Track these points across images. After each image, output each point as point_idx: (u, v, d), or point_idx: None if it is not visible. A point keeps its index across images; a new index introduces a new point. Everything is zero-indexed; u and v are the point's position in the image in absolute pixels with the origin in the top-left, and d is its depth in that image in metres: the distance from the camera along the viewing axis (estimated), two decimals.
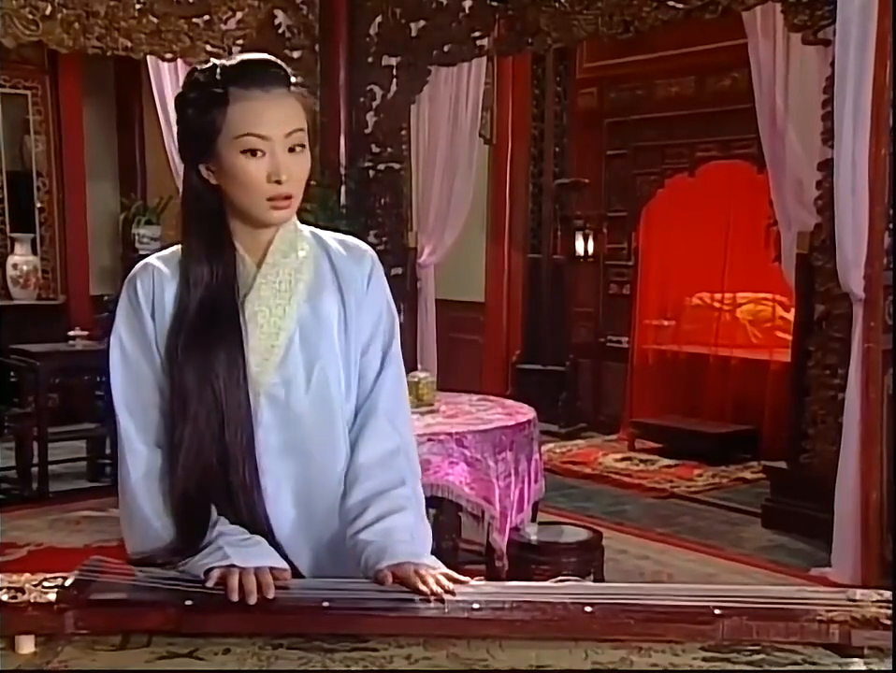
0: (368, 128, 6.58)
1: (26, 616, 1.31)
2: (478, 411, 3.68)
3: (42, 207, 7.48)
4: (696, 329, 7.04)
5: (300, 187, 1.51)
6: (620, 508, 5.24)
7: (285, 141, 1.47)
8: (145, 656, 1.31)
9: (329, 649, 1.32)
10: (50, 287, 7.50)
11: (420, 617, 1.33)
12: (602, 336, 7.33)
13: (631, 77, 6.90)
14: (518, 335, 7.43)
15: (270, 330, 1.54)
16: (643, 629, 1.29)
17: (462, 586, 1.40)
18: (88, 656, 1.31)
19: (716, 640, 1.29)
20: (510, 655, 1.30)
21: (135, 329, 1.57)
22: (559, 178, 7.31)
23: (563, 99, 7.40)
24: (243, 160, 1.47)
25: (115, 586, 1.39)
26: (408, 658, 1.29)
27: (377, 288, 1.61)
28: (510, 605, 1.33)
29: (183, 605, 1.35)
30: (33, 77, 7.35)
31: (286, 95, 1.48)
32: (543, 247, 7.38)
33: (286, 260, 1.56)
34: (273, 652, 1.31)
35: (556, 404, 6.95)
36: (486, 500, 3.30)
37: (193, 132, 1.50)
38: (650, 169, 6.98)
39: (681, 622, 1.29)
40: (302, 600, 1.37)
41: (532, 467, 3.52)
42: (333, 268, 1.59)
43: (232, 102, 1.45)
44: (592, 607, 1.31)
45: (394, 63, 6.41)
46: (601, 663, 1.27)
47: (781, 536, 4.68)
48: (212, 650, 1.32)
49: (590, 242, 7.16)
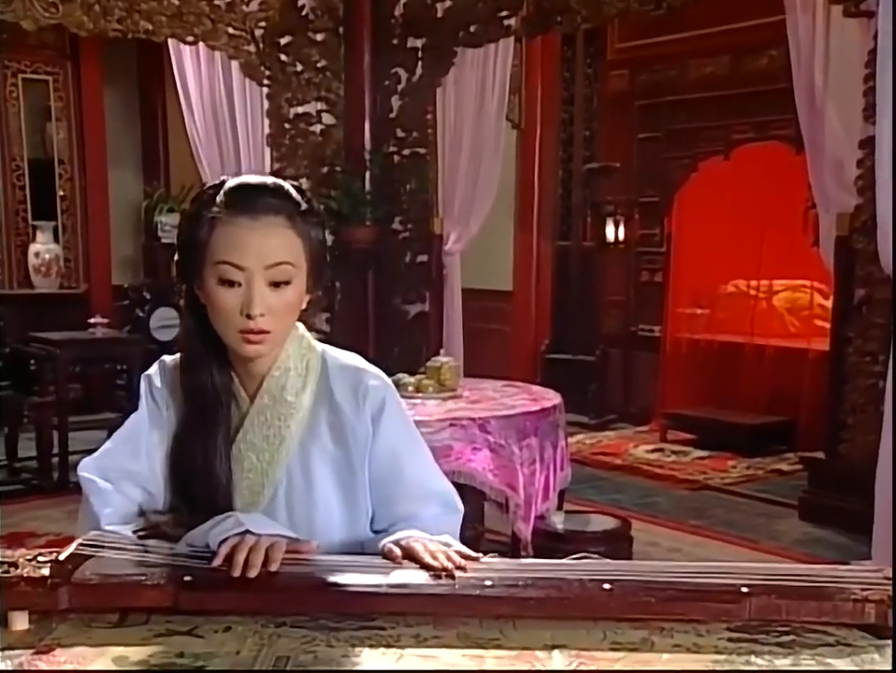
0: (392, 112, 6.55)
1: (18, 591, 1.28)
2: (502, 397, 3.63)
3: (64, 195, 7.50)
4: (730, 317, 6.95)
5: (281, 323, 1.46)
6: (651, 500, 5.16)
7: (266, 273, 1.41)
8: (142, 634, 1.28)
9: (334, 627, 1.28)
10: (71, 276, 7.53)
11: (429, 595, 1.29)
12: (633, 325, 7.25)
13: (664, 57, 6.79)
14: (547, 324, 7.37)
15: (256, 478, 1.52)
16: (665, 608, 1.23)
17: (474, 563, 1.35)
18: (83, 634, 1.28)
19: (743, 620, 1.24)
20: (523, 635, 1.25)
21: (153, 413, 1.57)
22: (589, 163, 7.24)
23: (593, 82, 7.32)
24: (219, 288, 1.42)
25: (112, 562, 1.35)
26: (416, 637, 1.25)
27: (387, 430, 1.54)
28: (523, 582, 1.28)
29: (182, 581, 1.31)
30: (54, 62, 7.37)
31: (278, 225, 1.42)
32: (573, 234, 7.32)
33: (276, 405, 1.52)
34: (275, 631, 1.28)
35: (585, 394, 6.90)
36: (510, 487, 3.26)
37: (183, 249, 1.46)
38: (683, 153, 6.88)
39: (705, 600, 1.23)
40: (306, 577, 1.33)
41: (558, 454, 3.47)
42: (335, 412, 1.53)
43: (218, 226, 1.41)
44: (611, 584, 1.26)
45: (419, 45, 6.38)
46: (621, 643, 1.22)
47: (819, 529, 4.59)
48: (212, 628, 1.29)
49: (621, 228, 7.09)
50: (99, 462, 1.55)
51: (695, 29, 6.37)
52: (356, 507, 1.54)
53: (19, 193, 7.34)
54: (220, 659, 1.20)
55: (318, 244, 1.48)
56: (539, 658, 1.19)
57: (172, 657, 1.21)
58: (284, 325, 1.48)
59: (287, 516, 1.52)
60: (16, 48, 7.16)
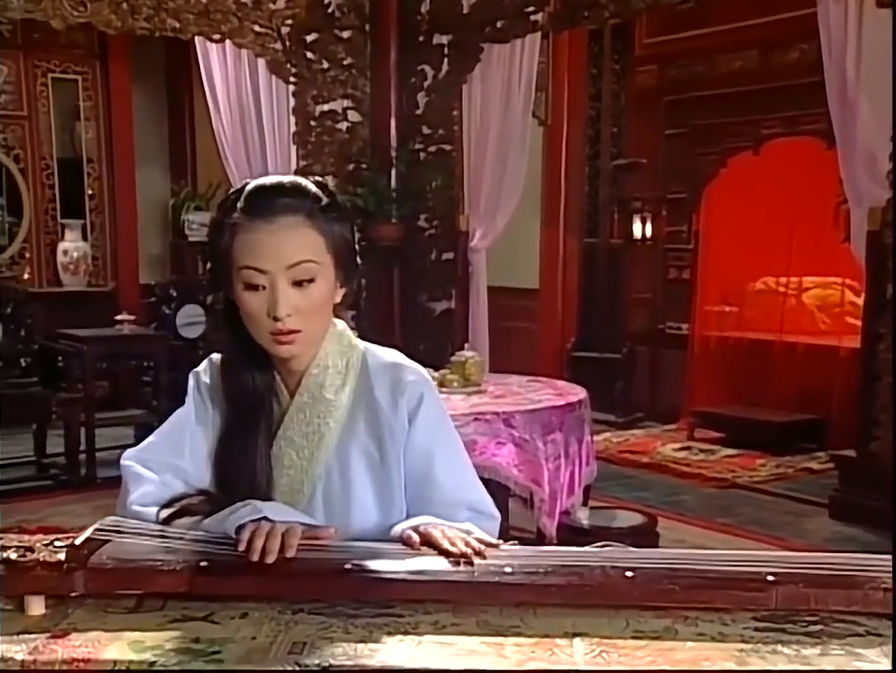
0: (418, 109, 6.54)
1: (33, 576, 1.28)
2: (527, 392, 3.61)
3: (92, 193, 7.55)
4: (760, 315, 6.88)
5: (311, 321, 1.46)
6: (678, 498, 5.12)
7: (288, 274, 1.41)
8: (158, 620, 1.27)
9: (352, 614, 1.26)
10: (99, 274, 7.57)
11: (447, 581, 1.26)
12: (661, 323, 7.19)
13: (692, 52, 6.73)
14: (573, 322, 7.33)
15: (296, 476, 1.52)
16: (689, 596, 1.21)
17: (494, 550, 1.33)
18: (99, 619, 1.28)
19: (770, 609, 1.21)
20: (544, 623, 1.23)
21: (199, 410, 1.59)
22: (616, 160, 7.19)
23: (621, 77, 7.28)
24: (245, 293, 1.43)
25: (129, 547, 1.34)
26: (434, 624, 1.24)
27: (423, 428, 1.52)
28: (544, 569, 1.26)
29: (198, 567, 1.30)
30: (83, 61, 7.42)
31: (296, 225, 1.42)
32: (600, 231, 7.28)
33: (315, 402, 1.52)
34: (293, 617, 1.27)
35: (611, 393, 6.86)
36: (535, 482, 3.23)
37: (212, 257, 1.48)
38: (711, 148, 6.82)
39: (730, 588, 1.20)
40: (323, 563, 1.31)
41: (583, 449, 3.44)
42: (373, 409, 1.53)
43: (239, 233, 1.42)
44: (633, 572, 1.23)
45: (445, 41, 6.36)
46: (643, 631, 1.20)
47: (850, 528, 4.53)
48: (229, 614, 1.28)
49: (648, 225, 7.04)
50: (142, 454, 1.57)
51: (723, 23, 6.31)
52: (392, 506, 1.52)
53: (48, 192, 7.40)
54: (235, 645, 1.19)
55: (342, 238, 1.47)
56: (559, 646, 1.16)
57: (188, 642, 1.20)
58: (315, 323, 1.47)
59: (325, 514, 1.51)
60: (46, 48, 7.23)
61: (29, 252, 7.35)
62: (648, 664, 1.11)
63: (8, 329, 5.48)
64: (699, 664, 1.10)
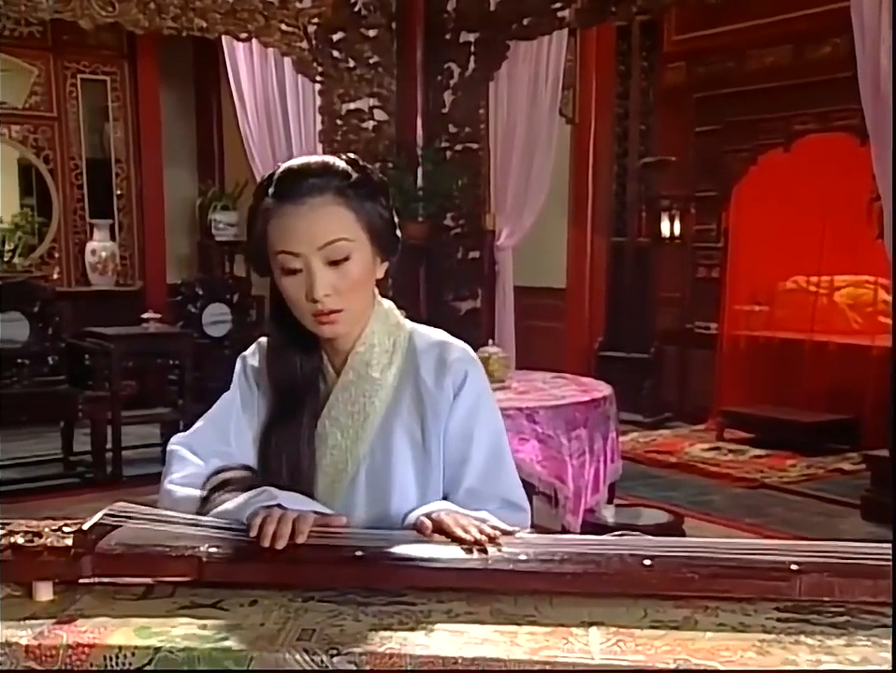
0: (445, 107, 6.52)
1: (41, 561, 1.26)
2: (551, 388, 3.58)
3: (120, 193, 7.60)
4: (790, 314, 6.79)
5: (351, 299, 1.45)
6: (706, 498, 5.05)
7: (321, 254, 1.41)
8: (167, 606, 1.26)
9: (363, 602, 1.25)
10: (127, 273, 7.62)
11: (460, 569, 1.24)
12: (689, 322, 7.13)
13: (722, 48, 6.67)
14: (601, 321, 7.27)
15: (340, 455, 1.51)
16: (708, 585, 1.17)
17: (509, 538, 1.30)
18: (107, 605, 1.27)
19: (793, 599, 1.17)
20: (559, 612, 1.20)
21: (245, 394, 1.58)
22: (644, 158, 7.13)
23: (649, 75, 7.21)
24: (284, 278, 1.44)
25: (138, 532, 1.32)
26: (448, 613, 1.21)
27: (465, 405, 1.50)
28: (560, 557, 1.23)
29: (208, 553, 1.28)
30: (111, 62, 7.48)
31: (325, 204, 1.41)
32: (628, 229, 7.23)
33: (361, 381, 1.51)
34: (303, 605, 1.25)
35: (639, 392, 6.82)
36: (559, 479, 3.19)
37: (251, 245, 1.48)
38: (741, 146, 6.75)
39: (752, 578, 1.17)
40: (334, 550, 1.28)
41: (608, 446, 3.39)
42: (417, 388, 1.51)
43: (271, 218, 1.43)
44: (651, 560, 1.20)
45: (471, 39, 6.34)
46: (662, 621, 1.17)
47: (882, 529, 4.44)
48: (238, 601, 1.27)
49: (677, 224, 6.98)
50: (189, 439, 1.57)
51: (755, 18, 6.25)
52: (430, 489, 1.50)
53: (77, 192, 7.46)
54: (243, 631, 1.18)
55: (375, 213, 1.45)
56: (575, 635, 1.13)
57: (195, 629, 1.19)
58: (356, 301, 1.46)
59: (367, 495, 1.50)
60: (75, 48, 7.30)
61: (58, 252, 7.41)
62: (666, 654, 1.07)
63: (36, 327, 5.51)
64: (718, 654, 1.07)
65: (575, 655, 1.08)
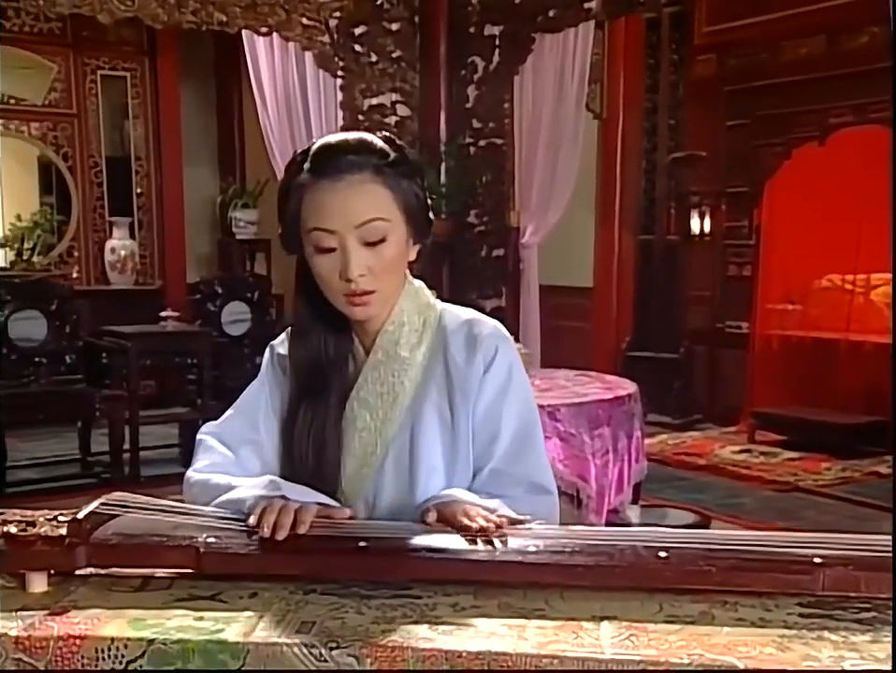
0: (468, 102, 6.49)
1: (34, 551, 1.25)
2: (574, 385, 3.54)
3: (140, 191, 7.62)
4: (825, 313, 6.70)
5: (384, 280, 1.43)
6: (736, 501, 4.99)
7: (357, 234, 1.39)
8: (163, 598, 1.24)
9: (366, 595, 1.22)
10: (147, 272, 7.65)
11: (466, 560, 1.21)
12: (720, 322, 7.05)
13: (754, 39, 6.58)
14: (629, 321, 7.24)
15: (369, 437, 1.49)
16: (727, 578, 1.13)
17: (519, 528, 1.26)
18: (102, 597, 1.25)
19: (816, 594, 1.13)
20: (570, 606, 1.17)
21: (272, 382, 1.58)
22: (674, 153, 7.07)
23: (679, 68, 7.14)
24: (316, 256, 1.42)
25: (134, 522, 1.30)
26: (454, 606, 1.19)
27: (494, 378, 1.48)
28: (571, 549, 1.19)
29: (206, 543, 1.26)
30: (131, 58, 7.50)
31: (363, 182, 1.39)
32: (656, 227, 7.17)
33: (390, 360, 1.50)
34: (304, 598, 1.23)
35: (668, 393, 6.77)
36: (582, 478, 3.15)
37: (283, 222, 1.46)
38: (774, 140, 6.67)
39: (772, 571, 1.13)
40: (336, 541, 1.26)
41: (633, 445, 3.35)
42: (447, 367, 1.50)
43: (306, 194, 1.41)
44: (667, 552, 1.16)
45: (496, 32, 6.31)
46: (677, 616, 1.13)
47: None
48: (237, 593, 1.25)
49: (707, 220, 6.91)
50: (217, 428, 1.57)
51: (788, 8, 6.17)
52: (458, 470, 1.48)
53: (96, 190, 7.49)
54: (239, 624, 1.15)
55: (412, 193, 1.44)
56: (585, 629, 1.10)
57: (191, 621, 1.17)
58: (389, 282, 1.45)
59: (395, 477, 1.48)
60: (95, 45, 7.33)
61: (77, 251, 7.44)
62: (680, 648, 1.04)
63: (53, 326, 5.52)
64: (735, 649, 1.03)
65: (585, 650, 1.05)
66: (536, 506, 1.44)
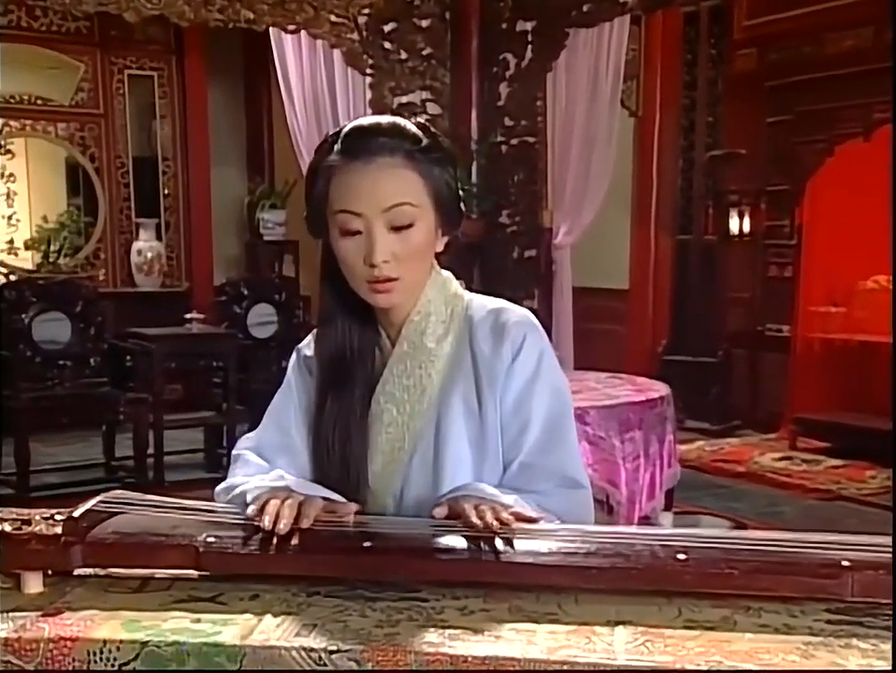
0: (500, 100, 6.46)
1: (29, 550, 1.23)
2: (605, 388, 3.49)
3: (167, 192, 7.66)
4: (870, 316, 6.58)
5: (410, 268, 1.41)
6: (776, 510, 4.92)
7: (385, 218, 1.37)
8: (161, 599, 1.23)
9: (371, 597, 1.19)
10: (173, 274, 7.68)
11: (474, 561, 1.17)
12: (760, 324, 6.97)
13: (797, 32, 6.49)
14: (665, 323, 7.18)
15: (397, 433, 1.48)
16: (749, 582, 1.09)
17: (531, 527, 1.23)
18: (98, 598, 1.23)
19: (844, 599, 1.08)
20: (584, 610, 1.13)
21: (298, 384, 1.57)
22: (712, 151, 7.00)
23: (718, 63, 7.08)
24: (341, 240, 1.40)
25: (133, 520, 1.28)
26: (462, 610, 1.15)
27: (523, 366, 1.45)
28: (585, 550, 1.15)
29: (204, 542, 1.23)
30: (159, 57, 7.55)
31: (393, 166, 1.37)
32: (694, 227, 7.11)
33: (416, 352, 1.48)
34: (306, 600, 1.20)
35: (706, 398, 6.71)
36: (611, 483, 3.10)
37: (309, 204, 1.45)
38: (817, 136, 6.56)
39: (797, 574, 1.09)
40: (339, 540, 1.23)
41: (665, 450, 3.30)
42: (473, 357, 1.47)
43: (335, 175, 1.39)
44: (686, 554, 1.12)
45: (528, 27, 6.27)
46: (696, 621, 1.09)
47: None
48: (238, 595, 1.23)
49: (746, 220, 6.83)
50: (252, 441, 1.55)
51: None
52: (487, 464, 1.45)
53: (123, 191, 7.54)
54: (238, 626, 1.13)
55: (443, 181, 1.42)
56: (598, 634, 1.07)
57: (187, 623, 1.15)
58: (415, 271, 1.43)
59: (423, 474, 1.46)
60: (122, 44, 7.39)
61: (103, 253, 7.49)
62: (698, 655, 1.00)
63: (78, 328, 5.56)
64: (756, 656, 0.99)
65: (597, 655, 1.01)
66: (568, 500, 1.42)
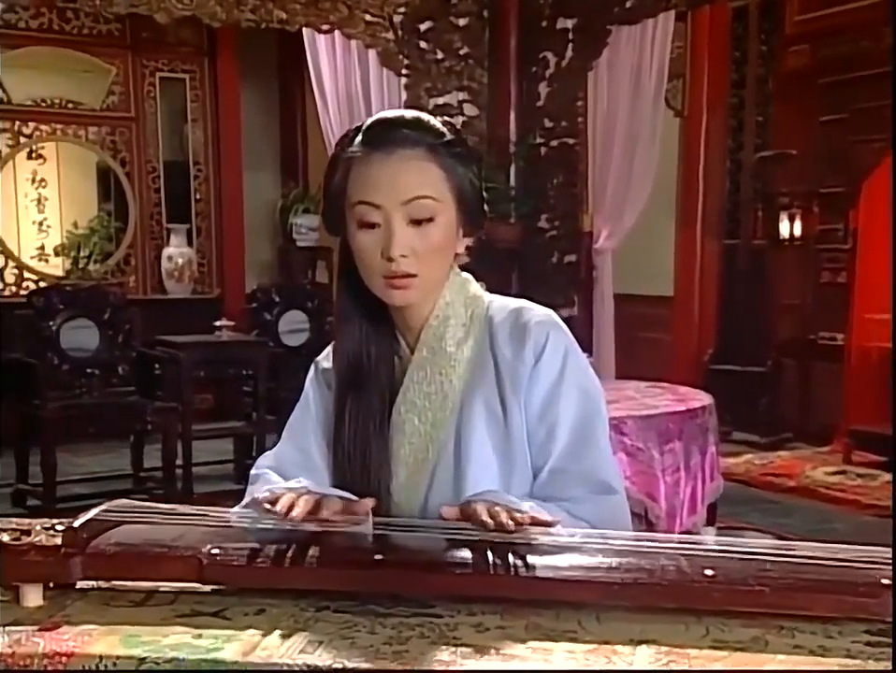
0: (540, 100, 6.43)
1: (27, 561, 1.22)
2: (643, 397, 3.45)
3: (199, 197, 7.71)
4: None
5: (428, 265, 1.40)
6: (828, 527, 4.83)
7: (404, 211, 1.37)
8: (163, 614, 1.21)
9: (383, 613, 1.17)
10: (205, 280, 7.72)
11: (492, 575, 1.14)
12: (812, 333, 6.88)
13: (852, 26, 6.40)
14: (711, 332, 7.12)
15: (420, 443, 1.46)
16: (782, 600, 1.05)
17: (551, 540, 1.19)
18: (98, 612, 1.22)
19: (886, 620, 1.03)
20: (606, 628, 1.10)
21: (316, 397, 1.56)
22: (761, 152, 6.93)
23: (768, 60, 7.02)
24: (359, 232, 1.40)
25: (136, 531, 1.27)
26: (476, 626, 1.13)
27: (548, 366, 1.42)
28: (607, 564, 1.12)
29: (208, 554, 1.21)
30: (191, 59, 7.60)
31: (415, 158, 1.37)
32: (742, 231, 7.07)
33: (436, 357, 1.46)
34: (315, 615, 1.18)
35: (755, 410, 6.65)
36: (650, 497, 3.06)
37: (327, 197, 1.45)
38: (874, 135, 6.45)
39: (834, 592, 1.05)
40: (349, 551, 1.21)
41: (707, 462, 3.24)
42: (495, 360, 1.46)
43: (355, 166, 1.40)
44: (714, 569, 1.08)
45: (569, 25, 6.24)
46: (726, 641, 1.05)
47: None
48: (243, 610, 1.20)
49: (797, 223, 6.76)
50: (272, 458, 1.55)
51: None
52: (515, 471, 1.43)
53: (154, 196, 7.59)
54: (240, 642, 1.11)
55: (465, 177, 1.42)
56: (619, 653, 1.03)
57: (189, 638, 1.13)
58: (433, 268, 1.42)
59: (448, 485, 1.43)
60: (154, 46, 7.45)
61: (134, 259, 7.54)
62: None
63: (106, 335, 5.59)
64: None
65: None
66: (602, 507, 1.39)
